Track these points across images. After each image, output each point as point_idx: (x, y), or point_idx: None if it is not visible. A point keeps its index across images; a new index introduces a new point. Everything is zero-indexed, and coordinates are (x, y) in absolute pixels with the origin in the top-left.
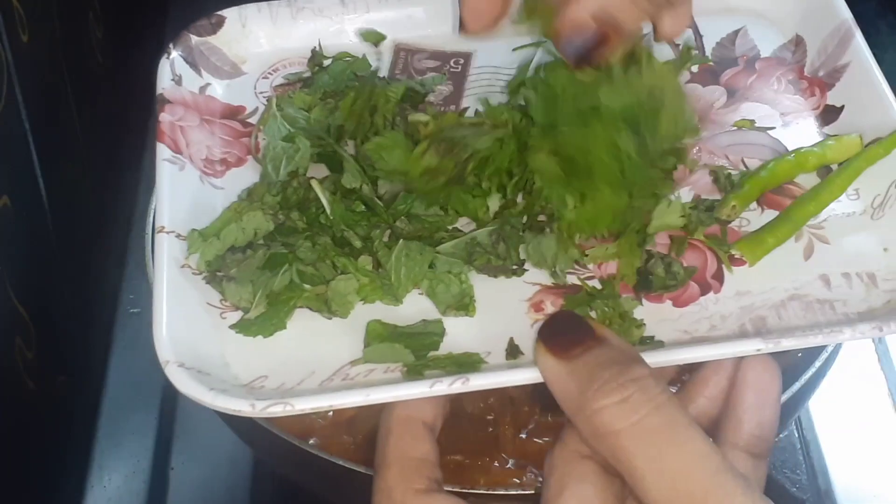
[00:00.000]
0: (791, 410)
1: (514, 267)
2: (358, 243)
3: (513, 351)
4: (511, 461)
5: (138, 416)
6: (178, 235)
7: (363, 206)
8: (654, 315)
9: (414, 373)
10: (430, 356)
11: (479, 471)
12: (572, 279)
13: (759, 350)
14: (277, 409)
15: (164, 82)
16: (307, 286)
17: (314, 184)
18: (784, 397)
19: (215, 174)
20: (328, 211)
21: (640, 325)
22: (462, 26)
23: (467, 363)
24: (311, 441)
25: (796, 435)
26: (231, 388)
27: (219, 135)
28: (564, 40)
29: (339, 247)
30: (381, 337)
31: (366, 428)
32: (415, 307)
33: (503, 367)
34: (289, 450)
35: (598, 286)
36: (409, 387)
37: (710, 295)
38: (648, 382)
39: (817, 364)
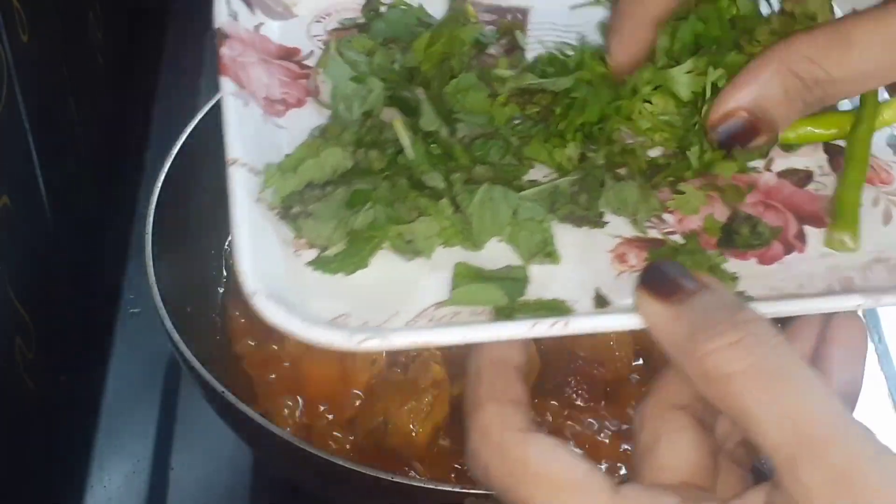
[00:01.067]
0: None
1: (597, 218)
2: (441, 184)
3: (601, 301)
4: None
5: (138, 416)
6: (251, 169)
7: (440, 151)
8: (740, 272)
9: (503, 316)
10: (519, 301)
11: None
12: (653, 234)
13: (859, 305)
14: (374, 343)
15: (221, 17)
16: (391, 226)
17: (397, 124)
18: None
19: (276, 114)
20: (409, 152)
21: (734, 278)
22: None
23: (556, 309)
24: (311, 441)
25: None
26: (320, 323)
27: (277, 75)
28: (713, 127)
29: (418, 189)
30: (469, 279)
31: (366, 428)
32: (493, 253)
33: (599, 312)
34: (289, 450)
35: (681, 241)
36: (509, 326)
37: (795, 254)
38: (761, 324)
39: None
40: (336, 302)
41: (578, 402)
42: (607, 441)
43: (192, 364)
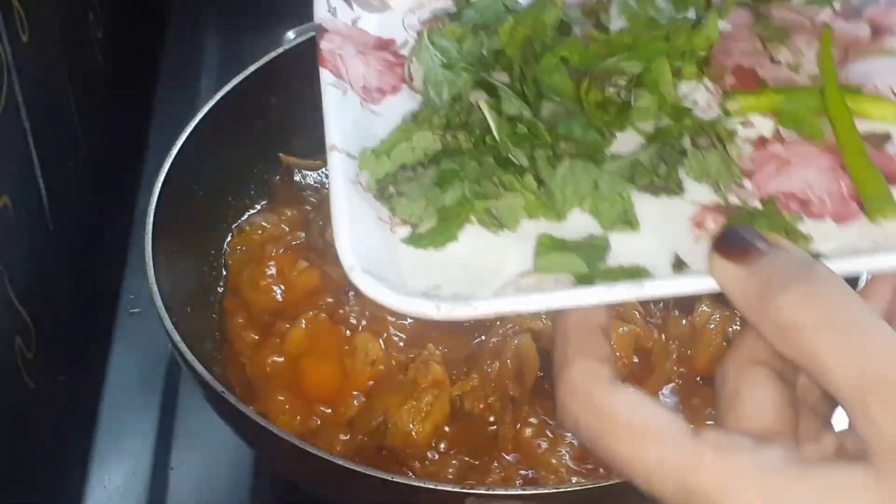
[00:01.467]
0: None
1: (675, 187)
2: (525, 161)
3: (679, 265)
4: (511, 461)
5: (138, 416)
6: (348, 154)
7: (525, 130)
8: (816, 232)
9: (584, 283)
10: (600, 268)
11: (479, 471)
12: (733, 200)
13: None
14: (461, 312)
15: (320, 12)
16: (477, 201)
17: (482, 104)
18: None
19: (373, 101)
20: (495, 132)
21: (808, 238)
22: None
23: (636, 275)
24: (311, 441)
25: None
26: (412, 294)
27: (373, 65)
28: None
29: (504, 166)
30: (551, 248)
31: (366, 428)
32: (576, 225)
33: (674, 276)
34: (289, 450)
35: (759, 207)
36: (586, 292)
37: None
38: (833, 278)
39: None
40: (429, 275)
41: None
42: None
43: (192, 364)
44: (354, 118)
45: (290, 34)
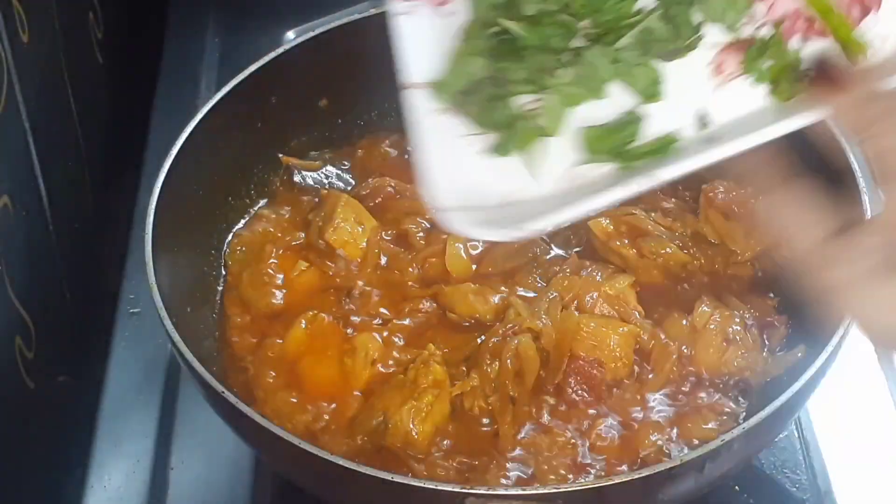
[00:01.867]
0: (791, 410)
1: (688, 44)
2: (556, 57)
3: (703, 122)
4: (511, 461)
5: (138, 416)
6: (424, 85)
7: (549, 25)
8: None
9: (624, 165)
10: (633, 147)
11: (479, 471)
12: (744, 34)
13: None
14: (517, 233)
15: None
16: (528, 109)
17: (503, 21)
18: (784, 397)
19: (444, 3)
20: (522, 40)
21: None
22: None
23: (665, 144)
24: (311, 441)
25: (796, 435)
26: (488, 218)
27: None
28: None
29: (543, 66)
30: (592, 138)
31: (366, 428)
32: (614, 105)
33: (691, 151)
34: (289, 449)
35: (770, 32)
36: (618, 190)
37: (871, 14)
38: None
39: (817, 364)
40: (503, 183)
41: (578, 402)
42: (608, 440)
43: (192, 364)
44: (428, 38)
45: (290, 34)
